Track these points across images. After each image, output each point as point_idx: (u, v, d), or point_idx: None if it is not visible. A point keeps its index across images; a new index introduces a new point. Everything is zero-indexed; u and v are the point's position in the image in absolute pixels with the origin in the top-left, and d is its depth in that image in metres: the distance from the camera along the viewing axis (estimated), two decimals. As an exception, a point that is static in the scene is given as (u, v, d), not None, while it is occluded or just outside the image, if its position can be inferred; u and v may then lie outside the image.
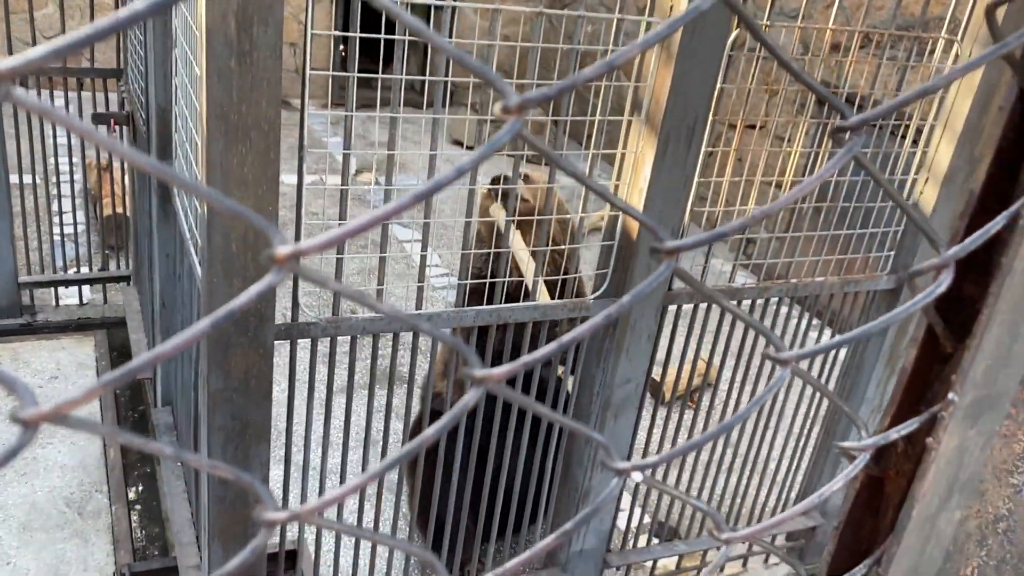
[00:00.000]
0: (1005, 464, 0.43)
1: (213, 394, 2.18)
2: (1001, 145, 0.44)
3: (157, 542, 3.48)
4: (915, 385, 0.48)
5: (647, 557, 3.29)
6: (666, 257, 0.43)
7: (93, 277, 4.81)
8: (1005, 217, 0.41)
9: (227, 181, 1.95)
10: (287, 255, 0.35)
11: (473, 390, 0.40)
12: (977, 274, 0.45)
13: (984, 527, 0.44)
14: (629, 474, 0.48)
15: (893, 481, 0.50)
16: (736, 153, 2.78)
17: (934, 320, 0.45)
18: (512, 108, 0.36)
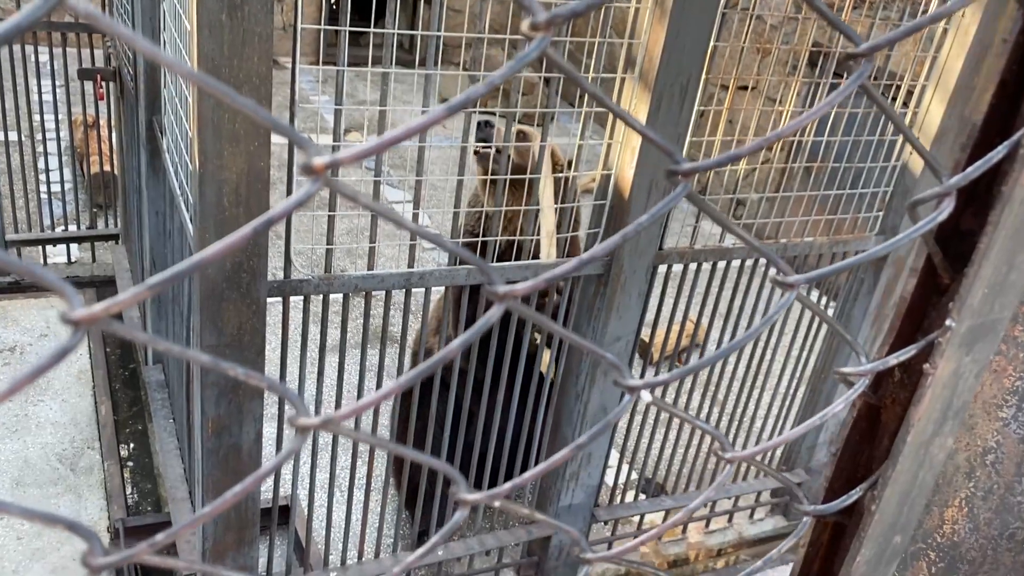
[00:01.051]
0: (995, 399, 0.45)
1: (207, 350, 2.19)
2: (1004, 77, 0.45)
3: (150, 498, 3.50)
4: (913, 314, 0.50)
5: (634, 512, 3.34)
6: (683, 179, 0.44)
7: (81, 235, 4.78)
8: (1006, 147, 0.41)
9: (218, 137, 1.94)
10: (324, 165, 0.36)
11: (496, 306, 0.41)
12: (976, 207, 0.46)
13: (973, 459, 0.46)
14: (639, 392, 0.49)
15: (889, 409, 0.52)
16: (728, 114, 2.78)
17: (933, 249, 0.46)
18: (540, 24, 0.36)
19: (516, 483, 0.49)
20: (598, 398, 2.88)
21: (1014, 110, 0.45)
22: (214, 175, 1.99)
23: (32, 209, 4.84)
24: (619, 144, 2.55)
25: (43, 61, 4.46)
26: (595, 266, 2.68)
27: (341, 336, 2.51)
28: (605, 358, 0.48)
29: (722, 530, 3.64)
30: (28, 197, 4.68)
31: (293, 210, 0.36)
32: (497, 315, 0.41)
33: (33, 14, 0.31)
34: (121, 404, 3.92)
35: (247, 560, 2.55)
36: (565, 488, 3.04)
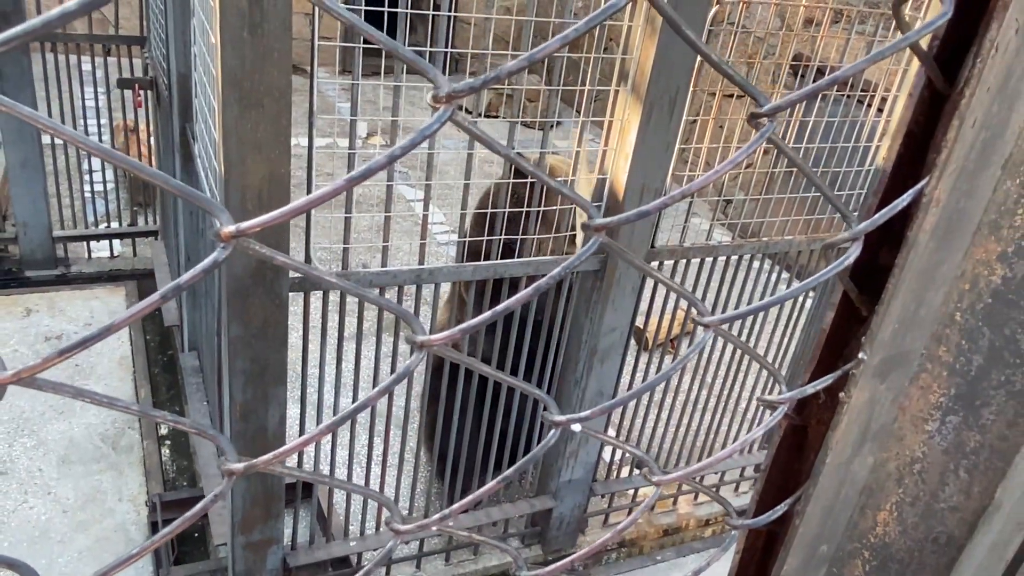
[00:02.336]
0: (921, 413, 0.45)
1: (233, 340, 2.21)
2: (911, 128, 0.45)
3: (186, 474, 3.54)
4: (834, 343, 0.50)
5: (628, 486, 3.35)
6: (595, 233, 0.44)
7: (123, 232, 4.81)
8: (910, 195, 0.42)
9: (242, 145, 1.94)
10: (231, 233, 0.36)
11: (415, 354, 0.42)
12: (891, 245, 0.47)
13: (902, 468, 0.47)
14: (568, 425, 0.50)
15: (814, 429, 0.52)
16: (716, 121, 2.76)
17: (848, 286, 0.47)
18: (442, 97, 0.37)
19: (445, 513, 0.50)
20: (595, 384, 2.89)
21: (920, 158, 0.45)
22: (238, 180, 2.00)
23: (77, 207, 4.87)
24: (614, 151, 2.55)
25: (87, 71, 4.48)
26: (592, 263, 2.68)
27: (358, 327, 2.53)
28: (534, 393, 0.49)
29: (710, 502, 3.65)
30: (74, 196, 4.70)
31: (203, 276, 0.37)
32: (417, 361, 0.42)
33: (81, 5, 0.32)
34: (159, 388, 3.95)
35: (274, 532, 2.58)
36: (565, 465, 3.05)
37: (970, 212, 0.38)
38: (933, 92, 0.46)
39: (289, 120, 1.97)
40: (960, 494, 0.44)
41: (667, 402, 3.30)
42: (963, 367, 0.43)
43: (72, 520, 3.13)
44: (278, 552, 2.61)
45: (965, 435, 0.44)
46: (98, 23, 7.88)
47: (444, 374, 2.83)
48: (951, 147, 0.41)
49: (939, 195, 0.40)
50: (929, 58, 0.46)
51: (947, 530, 0.45)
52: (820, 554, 0.46)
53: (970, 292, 0.41)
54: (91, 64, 4.42)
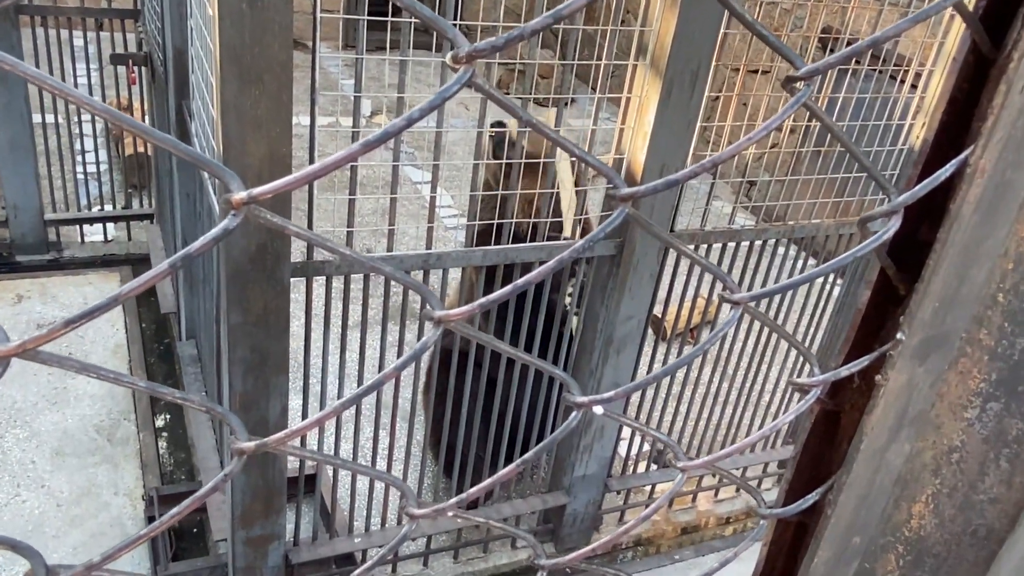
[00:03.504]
0: (960, 399, 0.45)
1: (233, 328, 2.22)
2: (954, 95, 0.44)
3: (183, 467, 3.56)
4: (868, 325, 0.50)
5: (645, 482, 3.36)
6: (621, 203, 0.44)
7: (117, 215, 4.83)
8: (953, 165, 0.41)
9: (241, 122, 1.94)
10: (242, 200, 0.36)
11: (433, 328, 0.42)
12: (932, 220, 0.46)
13: (939, 458, 0.46)
14: (590, 407, 0.50)
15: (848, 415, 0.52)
16: (740, 98, 2.74)
17: (885, 263, 0.46)
18: (462, 57, 0.36)
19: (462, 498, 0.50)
20: (611, 375, 2.88)
21: (964, 127, 0.44)
22: (237, 160, 2.00)
23: (70, 190, 4.89)
24: (631, 129, 2.53)
25: (78, 46, 4.49)
26: (608, 247, 2.67)
27: (363, 314, 2.53)
28: (556, 374, 0.48)
29: (730, 499, 3.65)
30: (66, 178, 4.72)
31: (212, 245, 0.37)
32: (434, 337, 0.42)
33: None
34: (156, 377, 3.98)
35: (275, 527, 2.60)
36: (579, 460, 3.05)
37: (1017, 184, 0.38)
38: (978, 56, 0.45)
39: (290, 96, 1.97)
40: (1001, 485, 0.44)
41: (686, 394, 3.29)
42: (1005, 351, 0.43)
43: (66, 514, 3.16)
44: (280, 548, 2.62)
45: (1007, 423, 0.44)
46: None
47: (451, 368, 2.83)
48: (997, 114, 0.40)
49: (984, 165, 0.39)
50: (974, 20, 0.45)
51: (987, 523, 0.45)
52: (853, 546, 0.46)
53: (1014, 271, 0.40)
54: (83, 39, 4.43)
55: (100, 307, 0.36)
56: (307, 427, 0.43)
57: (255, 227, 2.11)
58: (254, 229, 2.12)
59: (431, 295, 0.43)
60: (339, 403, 0.44)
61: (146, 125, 0.38)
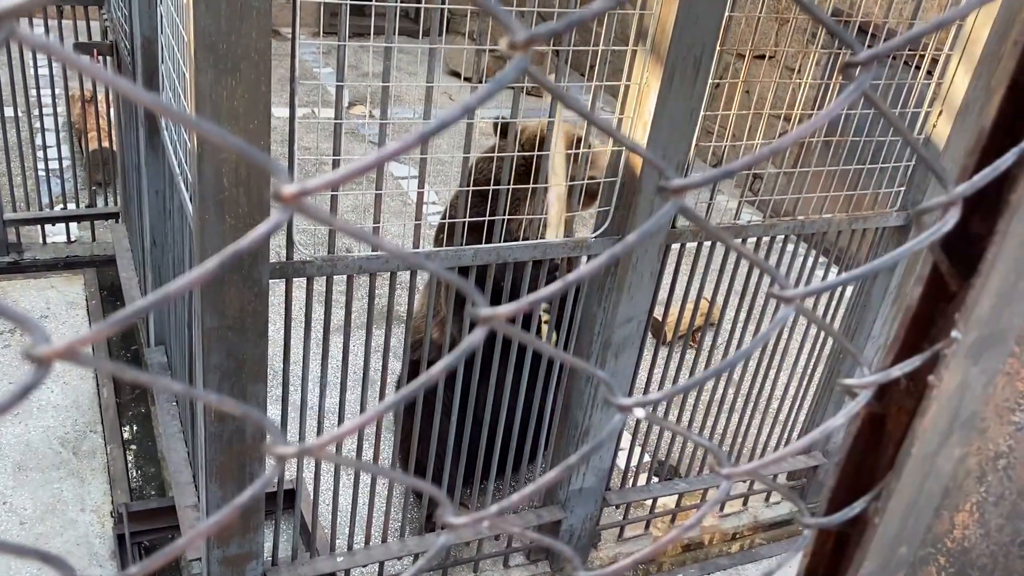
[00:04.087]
0: (1007, 402, 0.45)
1: (207, 333, 2.20)
2: (1015, 79, 0.44)
3: (153, 482, 3.54)
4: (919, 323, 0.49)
5: (647, 496, 3.35)
6: (673, 196, 0.43)
7: (80, 214, 4.80)
8: (1015, 154, 0.41)
9: (217, 114, 1.93)
10: (293, 194, 0.36)
11: (479, 329, 0.41)
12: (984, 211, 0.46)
13: (984, 464, 0.46)
14: (631, 410, 0.49)
15: (894, 418, 0.52)
16: (744, 85, 2.75)
17: (939, 258, 0.46)
18: (519, 44, 0.36)
19: (503, 505, 0.50)
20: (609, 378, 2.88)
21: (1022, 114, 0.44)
22: (213, 154, 1.99)
23: (31, 187, 4.86)
24: (630, 118, 2.53)
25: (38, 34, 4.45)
26: (605, 245, 2.67)
27: (345, 317, 2.52)
28: (596, 375, 0.48)
29: (737, 513, 3.66)
30: (26, 175, 4.69)
31: (263, 240, 0.36)
32: (481, 337, 0.41)
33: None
34: (123, 386, 3.95)
35: (253, 546, 2.58)
36: (576, 472, 3.05)
37: (1077, 172, 0.38)
38: None
39: (269, 86, 1.96)
40: (1052, 493, 0.44)
41: (689, 402, 3.30)
42: (1056, 351, 0.42)
43: (30, 533, 3.14)
44: (258, 568, 2.61)
45: (1057, 427, 0.43)
46: (49, -19, 7.84)
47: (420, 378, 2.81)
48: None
49: (1046, 153, 0.39)
50: None
51: (1036, 534, 0.44)
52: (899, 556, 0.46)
53: (1070, 265, 0.40)
54: (43, 26, 4.40)
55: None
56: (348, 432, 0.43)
57: (231, 226, 2.10)
58: (229, 228, 2.11)
59: (476, 293, 0.42)
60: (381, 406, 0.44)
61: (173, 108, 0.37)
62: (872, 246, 3.15)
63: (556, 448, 3.11)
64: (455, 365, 0.43)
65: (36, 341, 0.33)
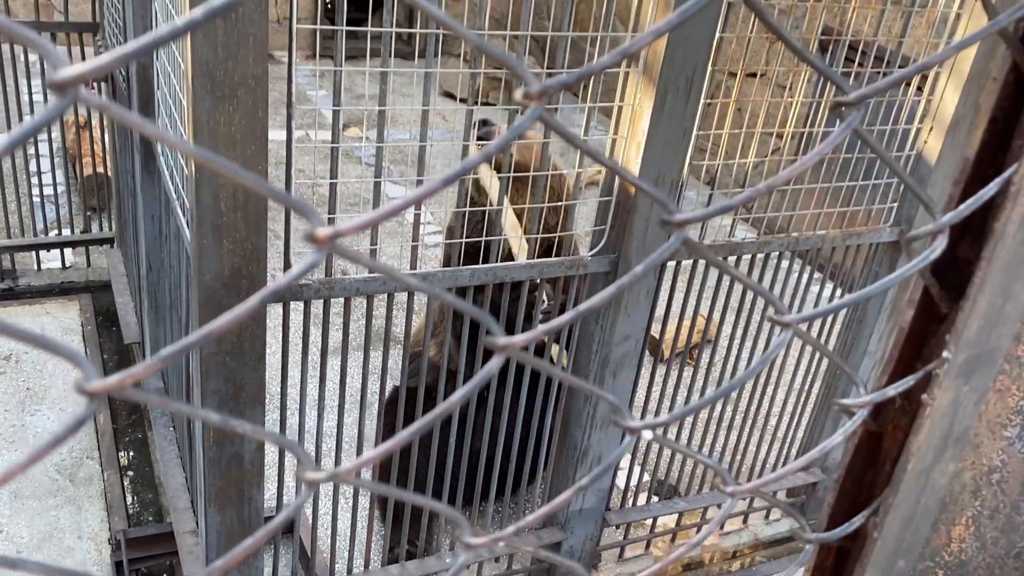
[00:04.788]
0: (999, 418, 0.46)
1: (205, 358, 2.21)
2: (995, 114, 0.46)
3: (151, 508, 3.53)
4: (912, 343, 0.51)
5: (647, 515, 3.36)
6: (677, 229, 0.45)
7: (75, 240, 4.81)
8: (997, 184, 0.43)
9: (214, 140, 1.95)
10: (327, 236, 0.37)
11: (495, 358, 0.43)
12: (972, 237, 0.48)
13: (978, 478, 0.47)
14: (640, 433, 0.51)
15: (890, 435, 0.53)
16: (736, 103, 2.78)
17: (929, 282, 0.48)
18: (534, 94, 0.38)
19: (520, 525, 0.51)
20: (607, 399, 2.89)
21: (1005, 145, 0.46)
22: (211, 179, 2.01)
23: (25, 214, 4.87)
24: (624, 139, 2.56)
25: (32, 61, 4.49)
26: (602, 263, 2.69)
27: (343, 339, 2.53)
28: (605, 399, 0.50)
29: (737, 531, 3.66)
30: (20, 201, 4.70)
31: (298, 279, 0.38)
32: (497, 366, 0.43)
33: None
34: (120, 412, 3.95)
35: (252, 571, 2.58)
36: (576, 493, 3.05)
37: (1058, 200, 0.39)
38: (1018, 76, 0.47)
39: (266, 112, 1.98)
40: (1045, 506, 0.45)
41: (688, 420, 3.31)
42: (1045, 367, 0.44)
43: (25, 563, 3.12)
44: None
45: (1048, 442, 0.45)
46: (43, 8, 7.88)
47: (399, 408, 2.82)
48: (1038, 131, 0.42)
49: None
50: (1015, 41, 0.47)
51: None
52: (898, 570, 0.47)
53: (1053, 286, 0.42)
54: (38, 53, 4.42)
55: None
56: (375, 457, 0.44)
57: (229, 250, 2.12)
58: (227, 253, 2.12)
59: (491, 322, 0.44)
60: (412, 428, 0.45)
61: (224, 161, 0.39)
62: (866, 261, 3.18)
63: (555, 468, 3.12)
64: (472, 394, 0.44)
65: (88, 376, 0.34)
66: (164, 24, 2.51)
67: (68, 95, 0.32)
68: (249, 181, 0.38)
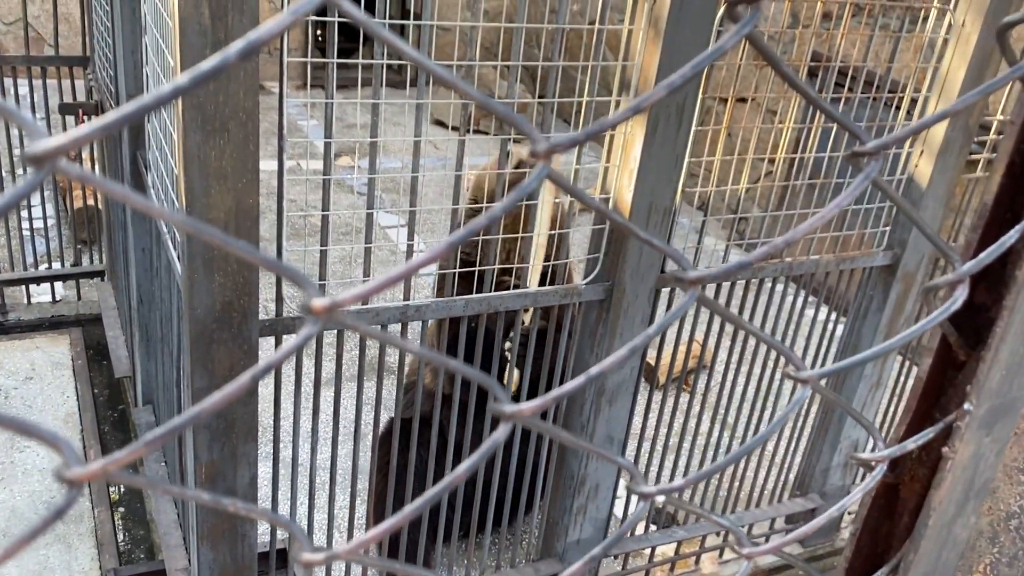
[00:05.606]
0: (1016, 462, 0.45)
1: (197, 393, 2.19)
2: (1013, 158, 0.45)
3: (142, 545, 3.48)
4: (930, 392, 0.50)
5: (645, 545, 3.32)
6: (691, 286, 0.44)
7: (66, 273, 4.78)
8: (1018, 231, 0.42)
9: (206, 175, 1.94)
10: (324, 307, 0.36)
11: (503, 426, 0.41)
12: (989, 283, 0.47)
13: (996, 524, 0.46)
14: (654, 498, 0.49)
15: (908, 486, 0.52)
16: (726, 129, 2.79)
17: (948, 331, 0.47)
18: (540, 153, 0.37)
19: None
20: (604, 428, 2.87)
21: (1022, 190, 0.45)
22: (201, 214, 2.00)
23: (15, 247, 4.85)
24: (616, 167, 2.56)
25: (23, 94, 4.48)
26: (596, 291, 2.68)
27: (336, 371, 2.51)
28: (618, 463, 0.48)
29: (736, 559, 3.62)
30: (10, 235, 4.68)
31: (293, 352, 0.36)
32: (504, 435, 0.41)
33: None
34: (111, 447, 3.91)
35: (245, 609, 2.53)
36: (573, 523, 3.02)
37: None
38: None
39: (257, 145, 1.97)
40: (1065, 553, 0.44)
41: (685, 446, 3.29)
42: (1062, 409, 0.43)
43: (15, 603, 3.07)
44: (252, 632, 2.56)
45: (1067, 486, 0.44)
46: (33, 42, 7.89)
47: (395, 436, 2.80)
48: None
49: (1048, 230, 0.40)
50: None
51: (1052, 594, 0.44)
52: (920, 629, 0.46)
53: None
54: (28, 86, 4.42)
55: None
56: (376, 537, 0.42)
57: (220, 284, 2.10)
58: (218, 287, 2.11)
59: (496, 387, 0.42)
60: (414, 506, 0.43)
61: (215, 231, 0.37)
62: (860, 285, 3.18)
63: (552, 497, 3.09)
64: (478, 465, 0.43)
65: (68, 462, 0.33)
66: (154, 58, 2.51)
67: (45, 167, 0.31)
68: (241, 251, 0.36)
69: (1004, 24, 0.44)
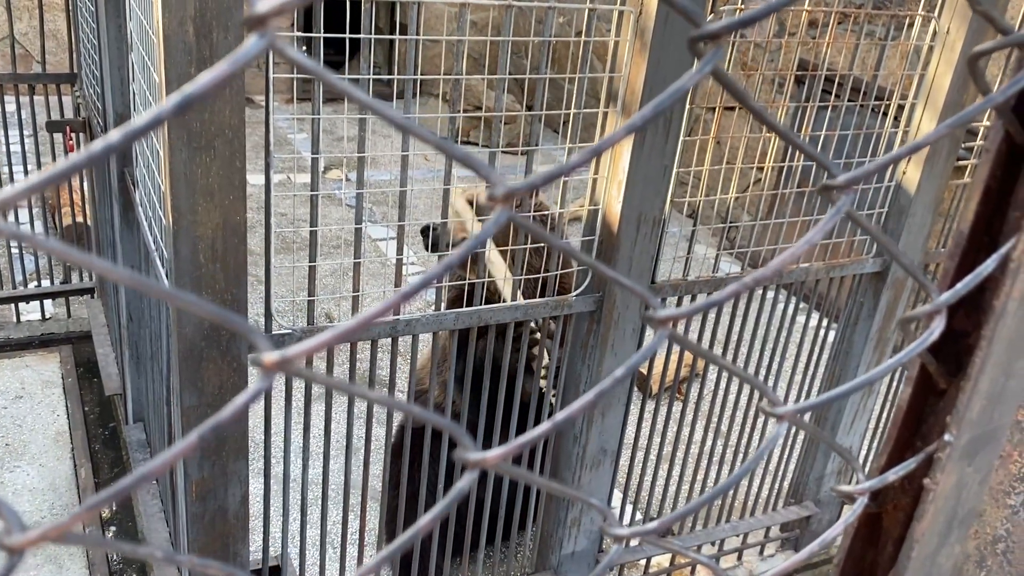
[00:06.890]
0: (1002, 485, 0.44)
1: (187, 411, 2.17)
2: (989, 185, 0.45)
3: (133, 564, 3.46)
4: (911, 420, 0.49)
5: (640, 556, 3.31)
6: (660, 326, 0.43)
7: (55, 291, 4.76)
8: (995, 260, 0.42)
9: (192, 191, 1.93)
10: (274, 362, 0.36)
11: (468, 474, 0.40)
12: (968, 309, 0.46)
13: (983, 548, 0.45)
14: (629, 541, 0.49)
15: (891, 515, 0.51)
16: (715, 138, 2.79)
17: (927, 360, 0.46)
18: (498, 197, 0.36)
19: None
20: (597, 440, 2.86)
21: (999, 213, 0.45)
22: (189, 231, 1.99)
23: (3, 265, 4.82)
24: (604, 178, 2.56)
25: (10, 111, 4.47)
26: (587, 303, 2.68)
27: (326, 388, 2.50)
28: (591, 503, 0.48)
29: (732, 568, 3.61)
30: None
31: (246, 408, 0.36)
32: (469, 483, 0.41)
33: None
34: (101, 466, 3.88)
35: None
36: (567, 535, 3.01)
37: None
38: (1012, 146, 0.46)
39: (244, 162, 1.97)
40: (1054, 577, 0.43)
41: (678, 456, 3.28)
42: (1046, 431, 0.42)
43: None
44: (245, 651, 2.54)
45: (1054, 508, 0.43)
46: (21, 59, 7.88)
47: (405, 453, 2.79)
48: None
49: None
50: (1007, 111, 0.46)
51: (1040, 618, 0.44)
52: (907, 661, 0.45)
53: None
54: (15, 103, 4.41)
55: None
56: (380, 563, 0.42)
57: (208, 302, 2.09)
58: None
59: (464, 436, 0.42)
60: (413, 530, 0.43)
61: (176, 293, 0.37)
62: (850, 292, 3.18)
63: (546, 511, 3.08)
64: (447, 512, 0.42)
65: (11, 527, 0.32)
66: (141, 75, 2.50)
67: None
68: (187, 304, 0.36)
69: (975, 53, 0.44)
